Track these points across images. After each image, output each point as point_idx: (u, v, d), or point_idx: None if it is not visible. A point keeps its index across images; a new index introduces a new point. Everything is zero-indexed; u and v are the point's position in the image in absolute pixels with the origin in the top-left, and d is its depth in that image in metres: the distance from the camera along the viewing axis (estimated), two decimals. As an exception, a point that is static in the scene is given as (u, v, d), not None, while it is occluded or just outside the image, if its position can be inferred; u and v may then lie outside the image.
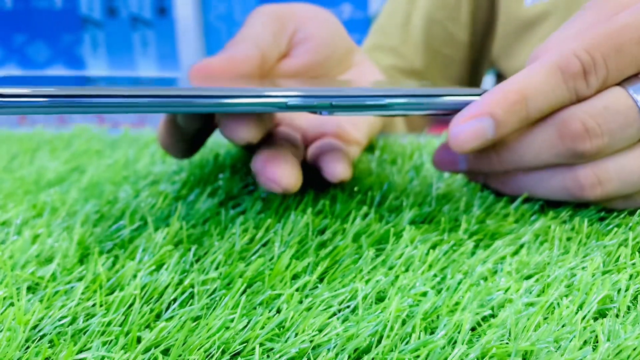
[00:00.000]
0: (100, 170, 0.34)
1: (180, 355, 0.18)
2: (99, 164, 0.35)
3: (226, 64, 0.27)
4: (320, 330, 0.19)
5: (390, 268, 0.23)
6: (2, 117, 0.22)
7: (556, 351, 0.18)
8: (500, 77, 0.61)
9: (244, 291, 0.21)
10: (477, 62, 0.62)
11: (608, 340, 0.18)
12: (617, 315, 0.20)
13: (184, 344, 0.18)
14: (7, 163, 0.36)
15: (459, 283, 0.21)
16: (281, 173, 0.26)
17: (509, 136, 0.26)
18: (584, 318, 0.19)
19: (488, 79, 0.66)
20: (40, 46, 1.32)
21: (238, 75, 0.28)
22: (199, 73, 0.27)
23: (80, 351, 0.18)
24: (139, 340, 0.19)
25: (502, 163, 0.27)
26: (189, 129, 0.28)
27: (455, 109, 0.25)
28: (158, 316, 0.20)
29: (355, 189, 0.30)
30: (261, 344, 0.18)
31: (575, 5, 0.48)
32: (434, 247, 0.24)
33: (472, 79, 0.64)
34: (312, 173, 0.30)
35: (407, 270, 0.22)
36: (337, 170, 0.28)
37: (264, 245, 0.24)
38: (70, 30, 1.30)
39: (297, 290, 0.21)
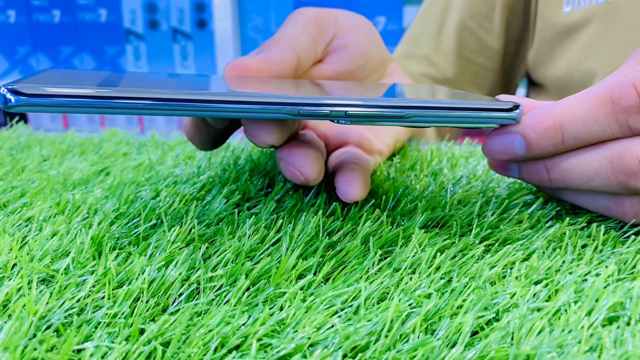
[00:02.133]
0: (125, 171, 0.35)
1: (179, 348, 0.18)
2: (124, 166, 0.36)
3: (261, 65, 0.28)
4: (318, 328, 0.19)
5: (396, 270, 0.22)
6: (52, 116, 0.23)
7: (559, 356, 0.17)
8: (533, 85, 0.60)
9: (248, 288, 0.21)
10: (510, 71, 0.61)
11: (614, 347, 0.18)
12: (627, 323, 0.19)
13: (184, 337, 0.18)
14: (38, 164, 0.37)
15: (465, 286, 0.21)
16: (305, 163, 0.26)
17: (561, 157, 0.25)
18: (591, 325, 0.19)
19: (520, 91, 0.65)
20: (86, 57, 1.37)
21: (272, 77, 0.28)
22: (233, 72, 0.28)
23: (84, 341, 0.18)
24: (142, 332, 0.19)
25: (552, 180, 0.26)
26: (216, 125, 0.29)
27: (478, 124, 0.24)
28: (164, 310, 0.21)
29: (370, 192, 0.30)
30: (259, 340, 0.18)
31: (615, 12, 0.47)
32: (442, 250, 0.24)
33: (505, 88, 0.63)
34: (327, 176, 0.30)
35: (413, 272, 0.22)
36: (351, 192, 0.27)
37: (273, 244, 0.25)
38: (113, 43, 1.34)
39: (301, 289, 0.21)
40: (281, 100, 0.22)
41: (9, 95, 0.20)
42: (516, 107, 0.24)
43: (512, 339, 0.18)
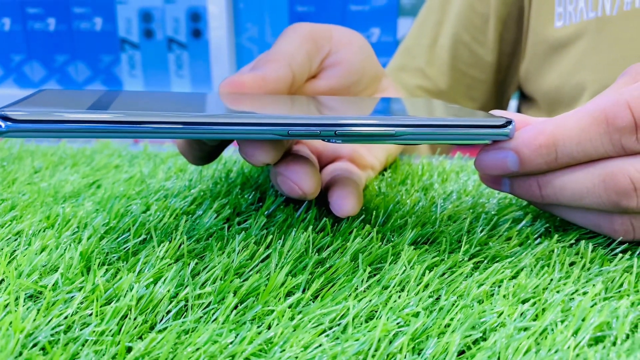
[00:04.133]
0: (116, 184, 0.35)
1: (166, 367, 0.18)
2: (115, 178, 0.36)
3: (258, 82, 0.28)
4: (306, 347, 0.19)
5: (385, 287, 0.22)
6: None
7: (544, 377, 0.17)
8: (525, 98, 0.60)
9: (236, 306, 0.21)
10: (504, 83, 0.62)
11: (600, 367, 0.18)
12: (614, 343, 0.19)
13: (172, 356, 0.18)
14: (29, 176, 0.37)
15: (453, 305, 0.21)
16: (303, 177, 0.26)
17: (554, 174, 0.25)
18: (577, 345, 0.19)
19: (512, 104, 0.65)
20: (80, 66, 1.37)
21: (267, 93, 0.28)
22: (228, 89, 0.28)
23: (70, 359, 0.18)
24: (129, 350, 0.19)
25: (544, 197, 0.26)
26: (209, 143, 0.29)
27: (470, 140, 0.24)
28: (152, 327, 0.21)
29: (363, 207, 0.30)
30: (246, 359, 0.18)
31: (605, 27, 0.47)
32: (431, 268, 0.24)
33: (498, 100, 0.63)
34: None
35: (402, 290, 0.22)
36: (345, 207, 0.27)
37: (262, 261, 0.25)
38: (109, 51, 1.34)
39: (289, 307, 0.21)
40: (270, 121, 0.22)
41: None
42: (509, 123, 0.24)
43: (498, 358, 0.18)
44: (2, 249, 0.26)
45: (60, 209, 0.30)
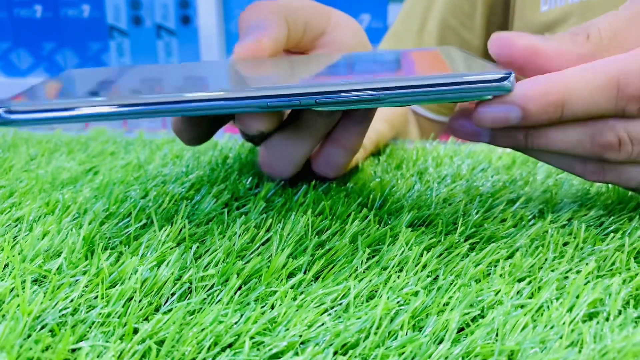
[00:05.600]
0: (113, 171, 0.35)
1: (173, 347, 0.18)
2: (112, 165, 0.36)
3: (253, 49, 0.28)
4: (310, 326, 0.19)
5: (384, 268, 0.23)
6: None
7: (541, 352, 0.18)
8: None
9: (240, 287, 0.22)
10: None
11: (594, 342, 0.18)
12: (607, 319, 0.20)
13: (178, 336, 0.19)
14: (25, 163, 0.37)
15: (451, 284, 0.22)
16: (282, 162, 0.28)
17: (547, 128, 0.25)
18: (572, 320, 0.19)
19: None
20: (69, 54, 1.36)
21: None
22: (246, 54, 0.28)
23: (78, 340, 0.19)
24: (135, 331, 0.19)
25: (528, 144, 0.25)
26: (202, 119, 0.29)
27: (467, 98, 0.23)
28: (157, 309, 0.21)
29: (357, 192, 0.30)
30: (252, 338, 0.19)
31: (590, 9, 0.48)
32: (428, 249, 0.24)
33: None
34: (314, 173, 0.31)
35: (401, 270, 0.23)
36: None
37: (263, 244, 0.25)
38: (97, 39, 1.33)
39: (291, 287, 0.22)
40: (249, 95, 0.22)
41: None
42: (507, 75, 0.23)
43: (497, 335, 0.19)
44: (3, 235, 0.26)
45: (60, 195, 0.30)
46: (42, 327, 0.19)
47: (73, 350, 0.18)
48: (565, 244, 0.25)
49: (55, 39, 1.35)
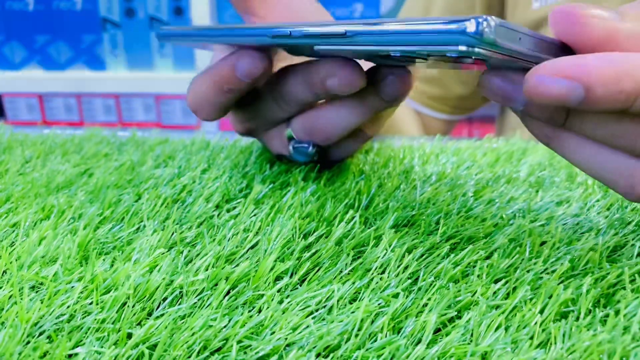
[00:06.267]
0: (107, 173, 0.36)
1: (165, 351, 0.20)
2: (106, 167, 0.37)
3: None
4: (294, 329, 0.20)
5: (367, 270, 0.24)
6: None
7: (512, 352, 0.19)
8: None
9: (228, 292, 0.23)
10: None
11: (563, 341, 0.19)
12: (577, 318, 0.21)
13: (169, 341, 0.20)
14: (21, 166, 0.38)
15: (430, 285, 0.23)
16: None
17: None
18: (544, 321, 0.20)
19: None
20: (62, 46, 1.36)
21: None
22: None
23: (75, 346, 0.20)
24: (129, 336, 0.20)
25: (568, 125, 0.22)
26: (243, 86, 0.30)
27: (429, 46, 0.20)
28: (149, 314, 0.22)
29: (344, 192, 0.31)
30: (239, 342, 0.20)
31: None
32: (410, 250, 0.25)
33: None
34: (297, 182, 0.31)
35: (383, 272, 0.24)
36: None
37: (252, 247, 0.26)
38: (90, 31, 1.33)
39: (278, 291, 0.23)
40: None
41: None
42: (480, 22, 0.18)
43: (472, 335, 0.20)
44: (1, 241, 0.27)
45: (55, 200, 0.31)
46: (40, 334, 0.20)
47: (70, 356, 0.19)
48: (542, 243, 0.26)
49: (48, 32, 1.35)
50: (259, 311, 0.22)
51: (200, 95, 0.31)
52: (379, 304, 0.21)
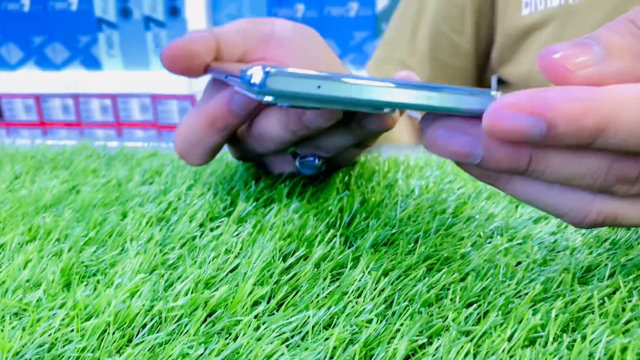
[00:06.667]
0: (94, 190, 0.36)
1: (142, 380, 0.20)
2: (93, 183, 0.37)
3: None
4: (268, 357, 0.21)
5: (344, 294, 0.24)
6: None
7: (479, 379, 0.19)
8: (501, 82, 0.62)
9: (206, 319, 0.23)
10: (483, 69, 0.63)
11: (529, 368, 0.20)
12: (544, 344, 0.21)
13: (146, 370, 0.20)
14: (10, 183, 0.38)
15: (404, 309, 0.23)
16: None
17: (558, 151, 0.20)
18: (512, 347, 0.21)
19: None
20: (58, 47, 1.36)
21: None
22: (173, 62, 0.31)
23: (54, 376, 0.20)
24: (108, 365, 0.21)
25: (530, 170, 0.21)
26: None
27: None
28: (129, 341, 0.22)
29: (326, 209, 0.32)
30: (214, 370, 0.20)
31: (570, 14, 0.49)
32: (386, 273, 0.26)
33: (480, 85, 0.65)
34: (281, 198, 0.32)
35: (359, 296, 0.24)
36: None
37: (232, 270, 0.26)
38: (86, 32, 1.33)
39: (255, 317, 0.23)
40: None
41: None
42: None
43: (441, 362, 0.20)
44: (-13, 265, 0.27)
45: (42, 220, 0.31)
46: (21, 364, 0.21)
47: (49, 387, 0.20)
48: (517, 263, 0.27)
49: (44, 32, 1.35)
50: (235, 338, 0.22)
51: (192, 136, 0.32)
52: (352, 331, 0.22)
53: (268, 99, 0.20)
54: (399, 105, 0.21)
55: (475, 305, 0.23)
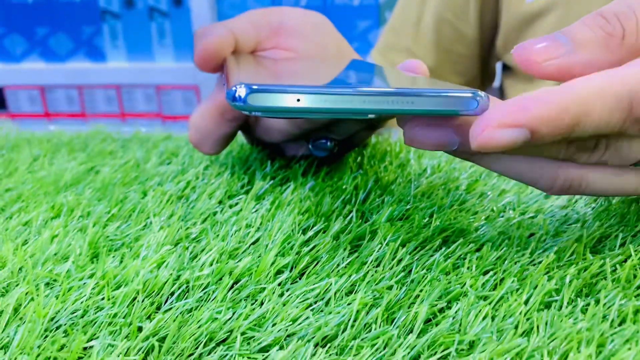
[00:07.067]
0: (113, 171, 0.37)
1: (174, 343, 0.21)
2: (112, 164, 0.38)
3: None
4: (294, 320, 0.22)
5: (363, 264, 0.25)
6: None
7: (497, 340, 0.20)
8: (506, 69, 0.62)
9: (232, 286, 0.24)
10: (488, 56, 0.64)
11: (545, 330, 0.21)
12: (559, 308, 0.22)
13: (177, 333, 0.21)
14: (29, 165, 0.39)
15: (422, 277, 0.24)
16: None
17: None
18: (528, 310, 0.22)
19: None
20: (62, 38, 1.37)
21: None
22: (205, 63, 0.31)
23: (89, 340, 0.21)
24: (140, 329, 0.22)
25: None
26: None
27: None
28: (158, 308, 0.23)
29: (341, 188, 0.33)
30: (243, 333, 0.21)
31: (574, 1, 0.49)
32: (404, 244, 0.26)
33: (484, 73, 0.66)
34: (296, 175, 0.33)
35: (378, 265, 0.25)
36: None
37: (254, 243, 0.27)
38: (90, 23, 1.34)
39: (279, 284, 0.24)
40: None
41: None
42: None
43: (460, 324, 0.21)
44: (15, 239, 0.28)
45: (64, 199, 0.32)
46: (57, 329, 0.22)
47: (85, 349, 0.21)
48: (530, 235, 0.27)
49: (48, 24, 1.36)
50: (261, 304, 0.23)
51: (203, 126, 0.33)
52: (373, 296, 0.23)
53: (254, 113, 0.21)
54: (382, 112, 0.21)
55: (491, 273, 0.24)
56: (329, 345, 0.20)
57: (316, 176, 0.34)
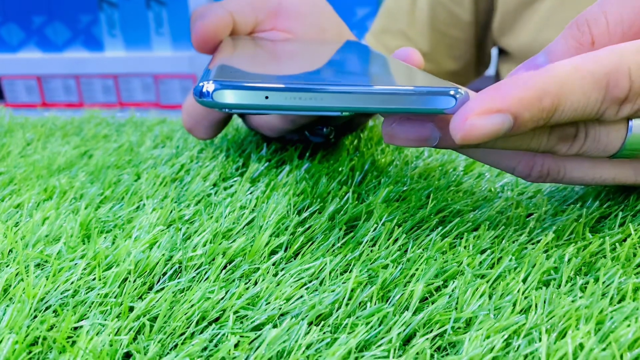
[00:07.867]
0: (107, 154, 0.37)
1: (165, 322, 0.21)
2: (105, 147, 0.38)
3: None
4: (288, 299, 0.21)
5: (359, 243, 0.25)
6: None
7: (495, 317, 0.20)
8: (502, 53, 0.62)
9: (225, 266, 0.24)
10: (483, 40, 0.63)
11: (543, 307, 0.20)
12: (558, 286, 0.22)
13: (169, 313, 0.21)
14: (22, 149, 0.38)
15: (418, 256, 0.24)
16: None
17: None
18: (526, 289, 0.21)
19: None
20: (59, 27, 1.36)
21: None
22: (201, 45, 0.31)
23: (79, 320, 0.21)
24: (131, 309, 0.21)
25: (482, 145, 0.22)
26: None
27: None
28: (150, 288, 0.23)
29: (338, 169, 0.32)
30: (236, 312, 0.21)
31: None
32: (400, 224, 0.26)
33: (480, 57, 0.65)
34: (293, 157, 0.32)
35: (373, 245, 0.25)
36: None
37: (248, 224, 0.27)
38: (87, 11, 1.33)
39: (273, 264, 0.24)
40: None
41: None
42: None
43: (457, 302, 0.21)
44: (6, 222, 0.28)
45: (56, 181, 0.32)
46: (46, 309, 0.21)
47: (75, 329, 0.20)
48: (529, 215, 0.27)
49: (45, 13, 1.35)
50: (255, 283, 0.23)
51: (196, 112, 0.32)
52: (369, 275, 0.22)
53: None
54: (356, 110, 0.20)
55: (488, 252, 0.24)
56: (322, 323, 0.20)
57: (312, 158, 0.34)
